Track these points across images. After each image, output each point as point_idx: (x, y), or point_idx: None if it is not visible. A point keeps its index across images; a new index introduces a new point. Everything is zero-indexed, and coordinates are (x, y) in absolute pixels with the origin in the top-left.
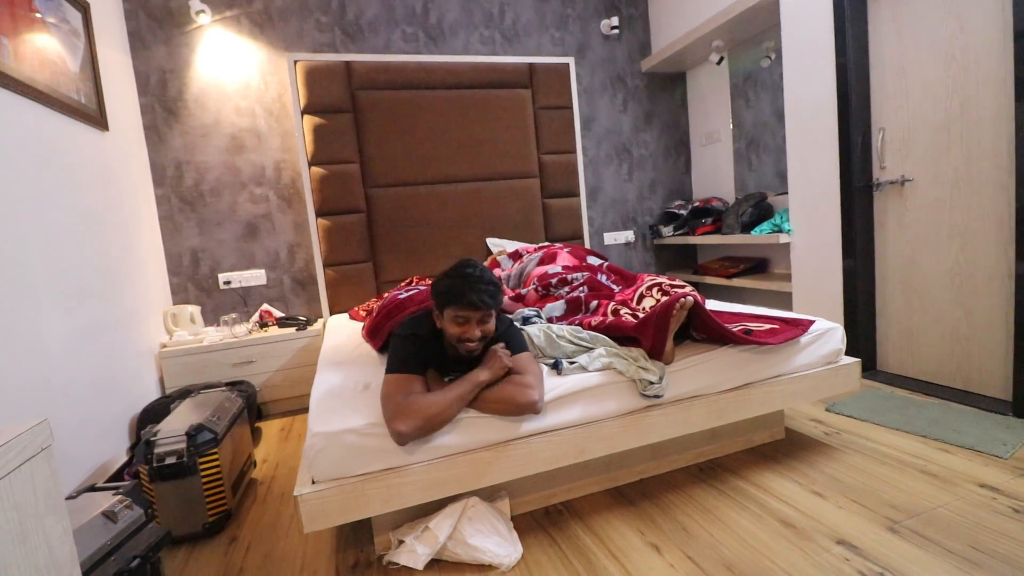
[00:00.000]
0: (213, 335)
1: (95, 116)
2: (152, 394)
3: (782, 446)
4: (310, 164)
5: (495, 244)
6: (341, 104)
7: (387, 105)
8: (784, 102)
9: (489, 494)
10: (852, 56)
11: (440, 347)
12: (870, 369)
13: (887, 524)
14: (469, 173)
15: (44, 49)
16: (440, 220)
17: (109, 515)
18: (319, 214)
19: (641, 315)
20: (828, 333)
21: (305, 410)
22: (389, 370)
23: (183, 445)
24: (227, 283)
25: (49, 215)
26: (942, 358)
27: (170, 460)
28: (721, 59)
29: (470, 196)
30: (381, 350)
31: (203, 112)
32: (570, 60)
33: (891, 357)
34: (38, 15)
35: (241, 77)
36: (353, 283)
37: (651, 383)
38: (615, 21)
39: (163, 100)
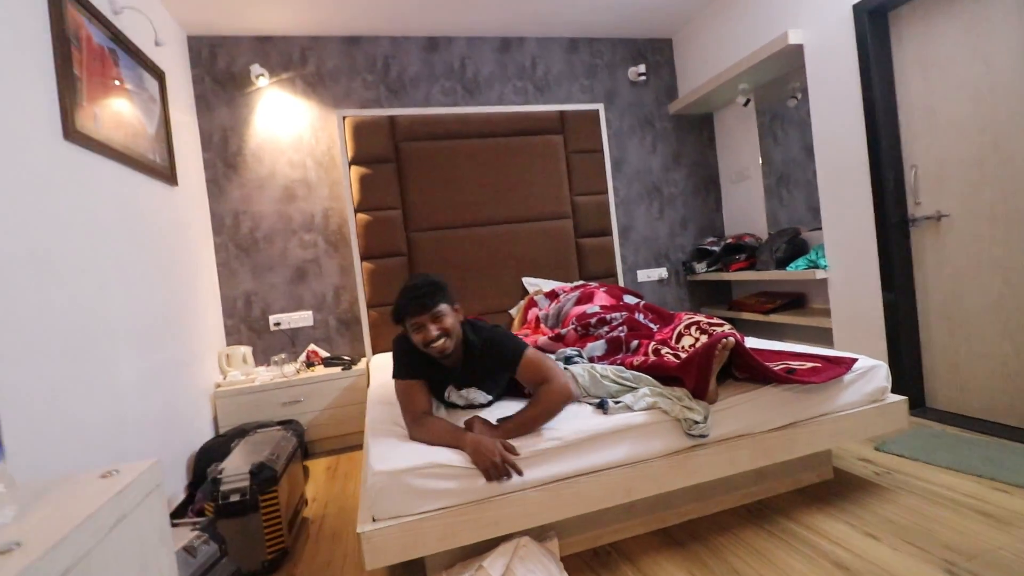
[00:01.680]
0: (264, 375)
1: (166, 173)
2: (207, 432)
3: (831, 486)
4: (356, 211)
5: (531, 284)
6: (385, 155)
7: (427, 154)
8: (812, 140)
9: (538, 534)
10: (879, 95)
11: (430, 357)
12: (919, 406)
13: (945, 567)
14: (504, 215)
15: (125, 114)
16: (477, 261)
17: (189, 550)
18: (364, 258)
19: (681, 354)
20: (872, 371)
21: (351, 448)
22: (396, 375)
23: (247, 483)
24: (277, 324)
25: (126, 263)
26: (993, 393)
27: (235, 497)
28: (748, 100)
29: (506, 237)
30: None
31: (259, 165)
32: (599, 106)
33: (939, 393)
34: (122, 84)
35: (294, 132)
36: (394, 325)
37: (696, 422)
38: (642, 68)
39: (224, 156)
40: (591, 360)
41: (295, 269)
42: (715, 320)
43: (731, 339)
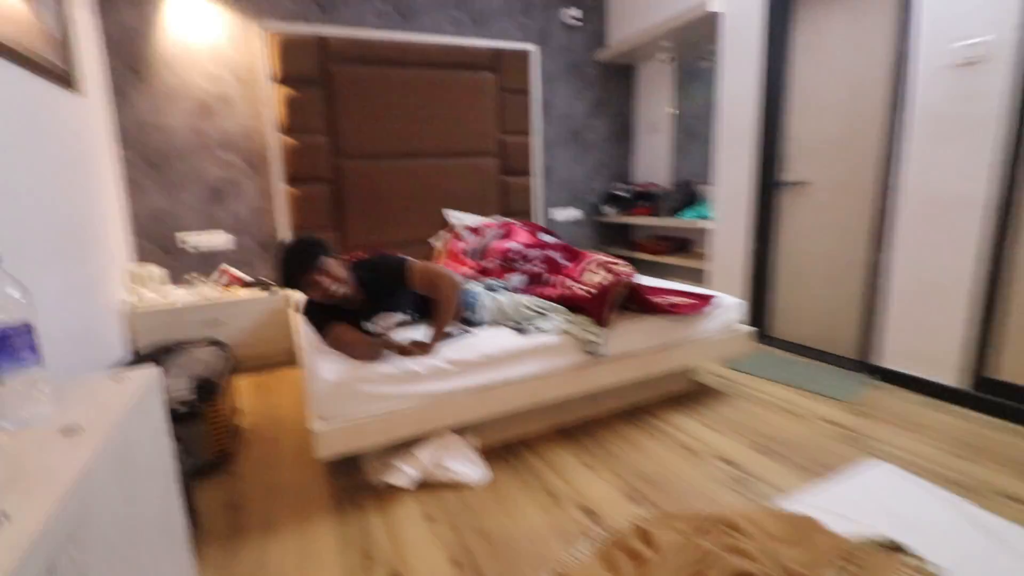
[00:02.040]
0: (181, 295)
1: (66, 77)
2: (118, 350)
3: (690, 394)
4: (281, 134)
5: (454, 216)
6: (313, 77)
7: (359, 80)
8: (716, 104)
9: (461, 431)
10: (775, 71)
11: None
12: (765, 336)
13: (756, 446)
14: (433, 149)
15: (16, 5)
16: (403, 191)
17: None
18: (289, 182)
19: (587, 287)
20: (728, 307)
21: (275, 365)
22: (323, 336)
23: (192, 396)
24: (191, 245)
25: (21, 172)
26: (816, 327)
27: (181, 409)
28: (672, 58)
29: (433, 171)
30: None
31: (171, 75)
32: (533, 47)
33: (780, 325)
34: None
35: (211, 42)
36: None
37: (596, 343)
38: (578, 12)
39: (130, 62)
40: (512, 291)
41: (211, 189)
42: (615, 259)
43: (629, 280)
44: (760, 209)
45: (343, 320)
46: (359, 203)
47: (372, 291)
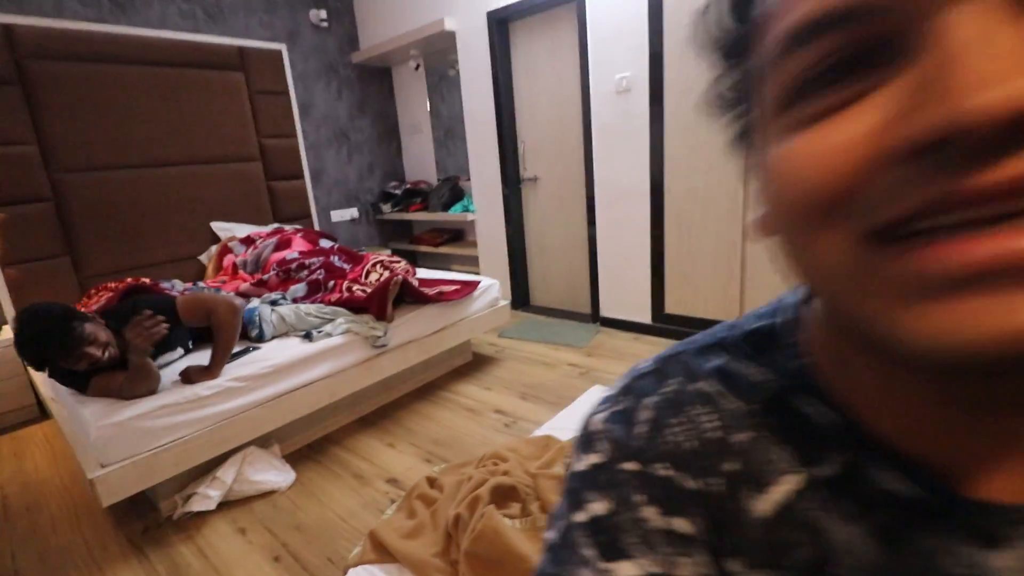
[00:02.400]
0: None
1: None
2: None
3: (471, 364)
4: None
5: (222, 228)
6: (3, 74)
7: (69, 79)
8: (463, 109)
9: (262, 443)
10: (503, 85)
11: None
12: (526, 304)
13: (521, 395)
14: (185, 156)
15: None
16: (155, 205)
17: None
18: None
19: (369, 289)
20: (490, 287)
21: (8, 428)
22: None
23: None
24: None
25: None
26: (561, 293)
27: None
28: (418, 66)
29: (188, 179)
30: None
31: None
32: (282, 46)
33: (537, 295)
34: None
35: None
36: (46, 282)
37: (379, 337)
38: (323, 13)
39: None
40: (294, 301)
41: None
42: (395, 258)
43: (399, 277)
44: (508, 200)
45: (99, 371)
46: (94, 223)
47: None
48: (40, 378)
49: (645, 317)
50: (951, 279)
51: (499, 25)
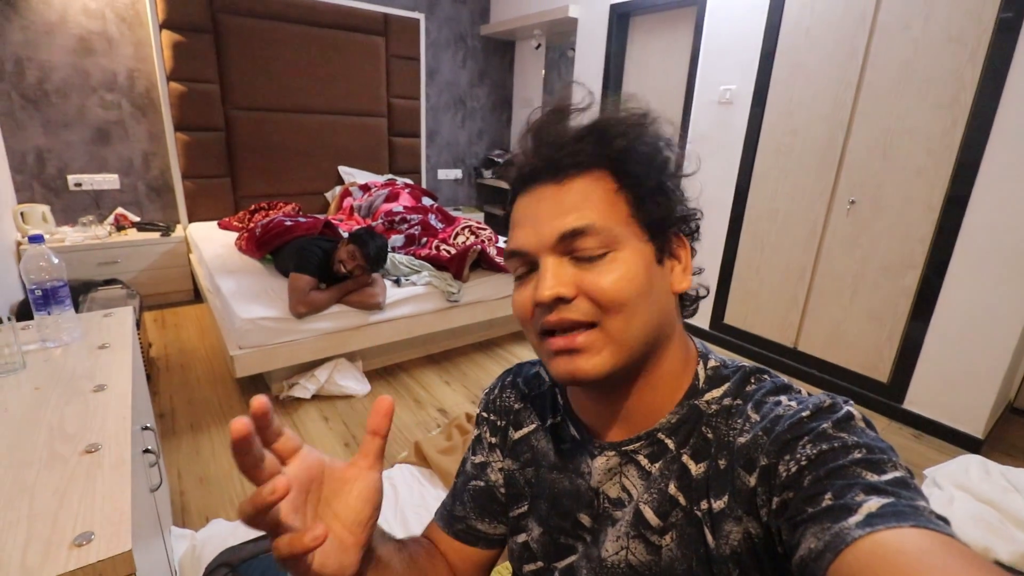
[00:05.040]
0: (72, 235)
1: None
2: (16, 290)
3: None
4: (168, 79)
5: (346, 173)
6: (201, 23)
7: (248, 32)
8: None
9: (351, 358)
10: (613, 75)
11: (328, 263)
12: None
13: None
14: (325, 106)
15: None
16: (296, 146)
17: None
18: (178, 128)
19: (453, 251)
20: None
21: (173, 304)
22: (298, 270)
23: None
24: (78, 185)
25: None
26: None
27: None
28: (539, 45)
29: (325, 127)
30: (263, 260)
31: (46, 7)
32: (421, 16)
33: None
34: None
35: None
36: (211, 195)
37: (453, 292)
38: None
39: None
40: (392, 250)
41: (96, 129)
42: (482, 225)
43: (478, 247)
44: None
45: (320, 274)
46: (251, 154)
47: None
48: (200, 270)
49: (703, 323)
50: (551, 352)
51: (620, 18)
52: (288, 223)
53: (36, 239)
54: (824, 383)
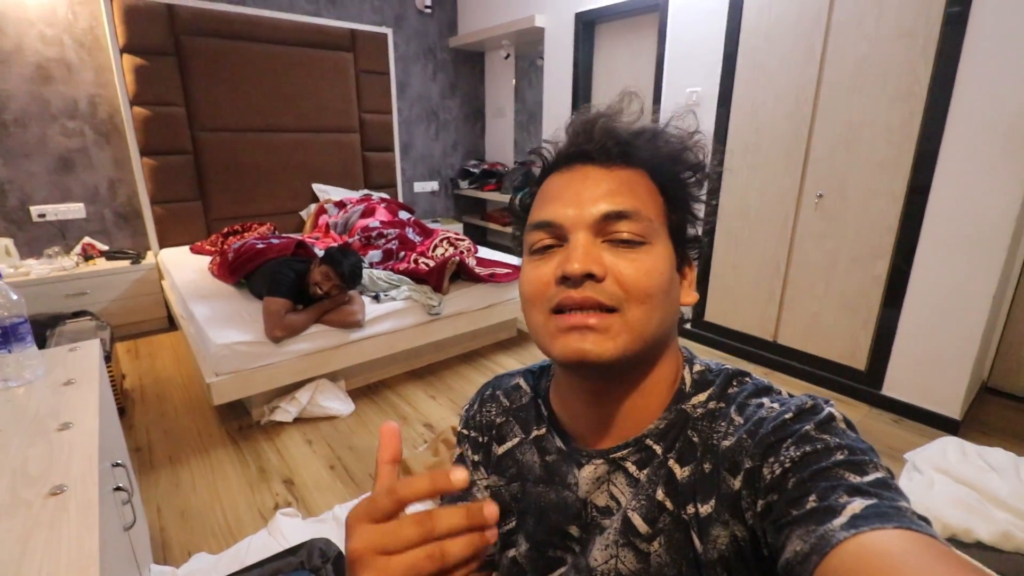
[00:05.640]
0: (37, 268)
1: None
2: None
3: (515, 340)
4: (132, 104)
5: (321, 190)
6: (163, 47)
7: (212, 52)
8: (544, 97)
9: (332, 377)
10: (582, 82)
11: (302, 285)
12: None
13: None
14: (295, 124)
15: None
16: (267, 165)
17: None
18: (144, 153)
19: (432, 263)
20: None
21: (146, 333)
22: (271, 294)
23: None
24: (42, 216)
25: None
26: None
27: None
28: (508, 55)
29: (296, 145)
30: (237, 285)
31: (1, 37)
32: (388, 30)
33: None
34: None
35: (44, 2)
36: (182, 220)
37: (434, 306)
38: (429, 0)
39: None
40: (371, 265)
41: (58, 158)
42: (461, 236)
43: (456, 259)
44: None
45: (295, 297)
46: (221, 176)
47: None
48: (172, 297)
49: (684, 322)
50: (563, 328)
51: (585, 26)
52: (260, 246)
53: None
54: (805, 374)
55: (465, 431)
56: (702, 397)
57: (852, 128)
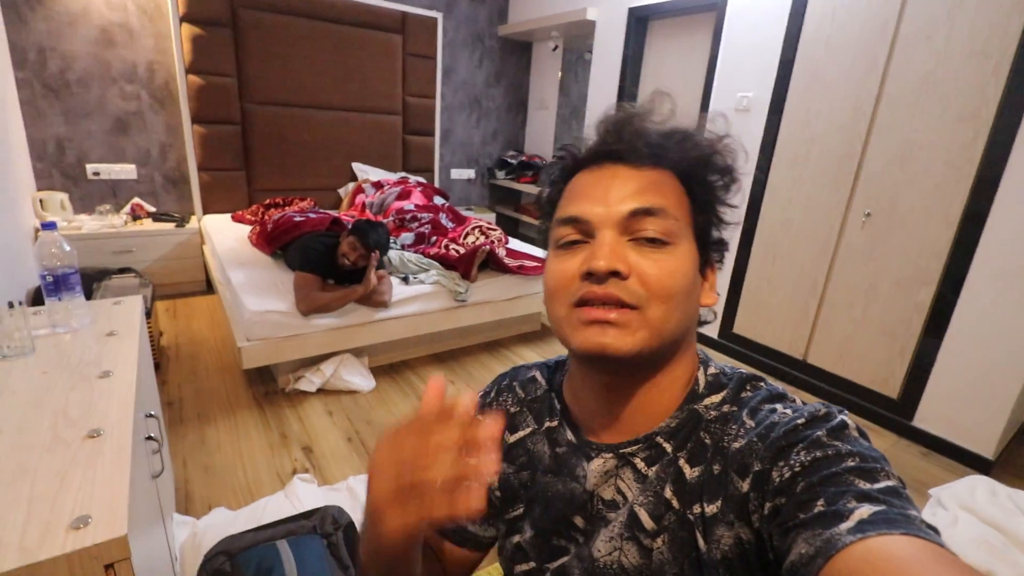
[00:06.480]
0: (89, 223)
1: None
2: (33, 276)
3: (538, 334)
4: (187, 72)
5: (360, 169)
6: (221, 17)
7: (267, 26)
8: (589, 91)
9: (357, 353)
10: (629, 77)
11: (332, 258)
12: None
13: None
14: (340, 103)
15: None
16: (311, 141)
17: None
18: (195, 120)
19: (462, 250)
20: None
21: (185, 295)
22: (302, 269)
23: None
24: (96, 174)
25: None
26: None
27: None
28: (556, 47)
29: (340, 123)
30: (273, 255)
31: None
32: (439, 15)
33: None
34: None
35: None
36: (226, 188)
37: (460, 292)
38: None
39: None
40: (403, 247)
41: (115, 120)
42: (492, 225)
43: (486, 248)
44: None
45: (326, 271)
46: (266, 148)
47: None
48: (212, 262)
49: (713, 332)
50: (585, 321)
51: (638, 21)
52: (297, 219)
53: (49, 226)
54: (833, 397)
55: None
56: (715, 399)
57: (909, 147)
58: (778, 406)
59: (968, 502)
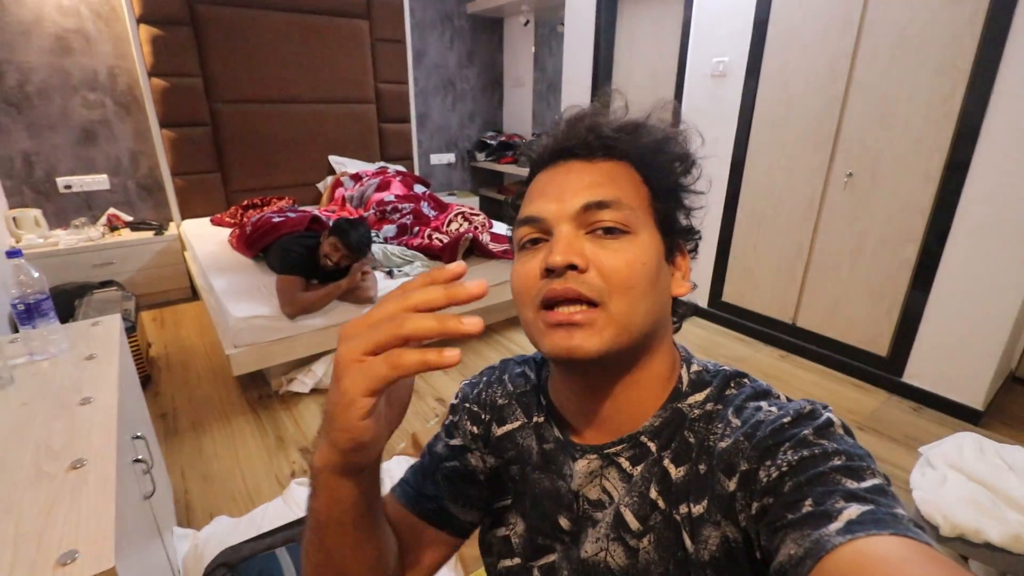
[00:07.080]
0: (66, 238)
1: None
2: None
3: None
4: (150, 75)
5: (337, 162)
6: (179, 16)
7: (228, 22)
8: (563, 65)
9: None
10: (603, 51)
11: (313, 259)
12: None
13: None
14: (311, 95)
15: None
16: (285, 136)
17: None
18: (164, 125)
19: (446, 239)
20: None
21: (171, 303)
22: (283, 272)
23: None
24: (68, 187)
25: None
26: None
27: None
28: (528, 21)
29: (313, 116)
30: (255, 258)
31: (20, 8)
32: None
33: None
34: None
35: None
36: (203, 191)
37: None
38: None
39: None
40: (385, 240)
41: (81, 130)
42: (475, 211)
43: (469, 235)
44: None
45: (308, 272)
46: (240, 147)
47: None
48: (194, 268)
49: (702, 301)
50: (550, 324)
51: None
52: (276, 220)
53: (13, 254)
54: (823, 358)
55: (467, 404)
56: (699, 397)
57: (888, 103)
58: (763, 404)
59: (956, 460)
